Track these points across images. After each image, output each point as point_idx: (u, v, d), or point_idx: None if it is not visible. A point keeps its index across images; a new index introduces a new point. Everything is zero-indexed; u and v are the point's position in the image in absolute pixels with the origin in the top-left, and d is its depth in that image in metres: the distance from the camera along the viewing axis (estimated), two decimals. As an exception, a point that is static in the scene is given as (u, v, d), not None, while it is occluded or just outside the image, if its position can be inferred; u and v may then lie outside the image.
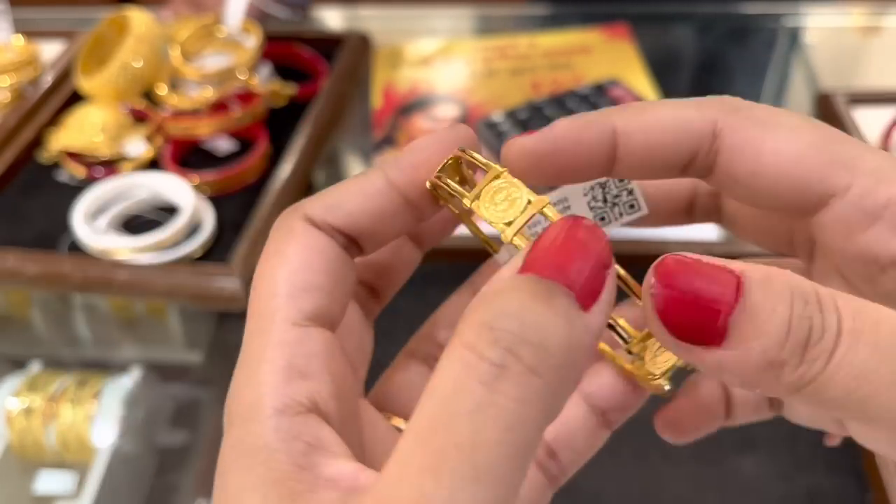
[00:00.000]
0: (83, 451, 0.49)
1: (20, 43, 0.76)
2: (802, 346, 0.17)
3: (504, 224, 0.20)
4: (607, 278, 0.18)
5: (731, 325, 0.17)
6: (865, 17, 0.84)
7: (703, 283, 0.17)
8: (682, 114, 0.21)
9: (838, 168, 0.20)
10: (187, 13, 0.78)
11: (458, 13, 0.89)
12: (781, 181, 0.20)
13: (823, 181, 0.20)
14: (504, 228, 0.19)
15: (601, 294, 0.17)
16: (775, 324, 0.17)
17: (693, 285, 0.17)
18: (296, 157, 0.64)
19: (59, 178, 0.66)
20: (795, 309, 0.17)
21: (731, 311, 0.17)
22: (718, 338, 0.17)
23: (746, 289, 0.17)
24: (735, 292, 0.17)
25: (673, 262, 0.18)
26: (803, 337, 0.17)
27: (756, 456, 0.48)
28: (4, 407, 0.50)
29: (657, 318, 0.18)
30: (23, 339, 0.61)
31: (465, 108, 0.73)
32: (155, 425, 0.53)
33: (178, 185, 0.61)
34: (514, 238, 0.19)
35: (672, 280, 0.17)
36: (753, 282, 0.17)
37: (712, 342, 0.17)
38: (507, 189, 0.20)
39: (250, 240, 0.57)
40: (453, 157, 0.21)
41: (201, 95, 0.66)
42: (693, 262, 0.18)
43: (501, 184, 0.20)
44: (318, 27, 0.89)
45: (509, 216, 0.20)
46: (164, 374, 0.55)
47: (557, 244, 0.17)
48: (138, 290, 0.56)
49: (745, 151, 0.20)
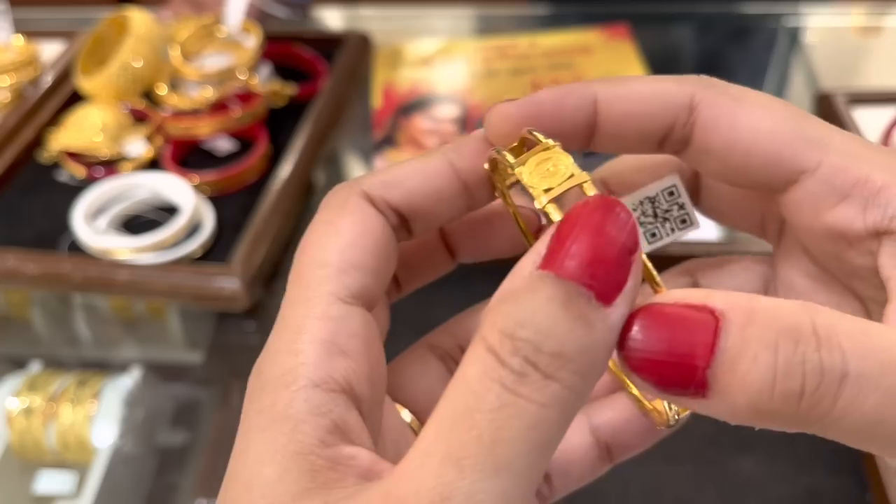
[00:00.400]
0: (83, 451, 0.49)
1: (20, 43, 0.76)
2: (797, 395, 0.16)
3: (542, 190, 0.19)
4: (632, 266, 0.17)
5: (711, 378, 0.16)
6: (865, 17, 0.84)
7: (679, 334, 0.16)
8: (662, 86, 0.21)
9: (810, 145, 0.20)
10: (187, 13, 0.78)
11: (458, 13, 0.89)
12: (754, 155, 0.20)
13: (795, 157, 0.20)
14: (541, 194, 0.19)
15: (625, 285, 0.17)
16: (758, 373, 0.16)
17: (668, 341, 0.16)
18: (296, 157, 0.64)
19: (59, 178, 0.66)
20: (782, 353, 0.16)
21: (708, 365, 0.16)
22: (701, 390, 0.16)
23: (723, 335, 0.16)
24: (712, 339, 0.16)
25: (648, 314, 0.17)
26: (796, 385, 0.16)
27: (756, 456, 0.48)
28: (4, 407, 0.50)
29: (633, 375, 0.17)
30: (23, 339, 0.61)
31: (465, 108, 0.73)
32: (155, 425, 0.53)
33: (178, 185, 0.61)
34: (548, 205, 0.19)
35: (647, 335, 0.17)
36: (732, 325, 0.16)
37: (696, 394, 0.16)
38: (554, 159, 0.20)
39: (250, 240, 0.57)
40: (520, 138, 0.21)
41: (201, 95, 0.66)
42: (670, 312, 0.17)
43: (550, 154, 0.20)
44: (318, 27, 0.89)
45: (548, 184, 0.19)
46: (164, 374, 0.55)
47: (578, 235, 0.17)
48: (138, 290, 0.56)
49: (719, 124, 0.20)
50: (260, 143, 0.66)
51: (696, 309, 0.16)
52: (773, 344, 0.16)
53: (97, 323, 0.61)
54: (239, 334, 0.57)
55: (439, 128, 0.71)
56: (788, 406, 0.16)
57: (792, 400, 0.16)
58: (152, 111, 0.68)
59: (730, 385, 0.16)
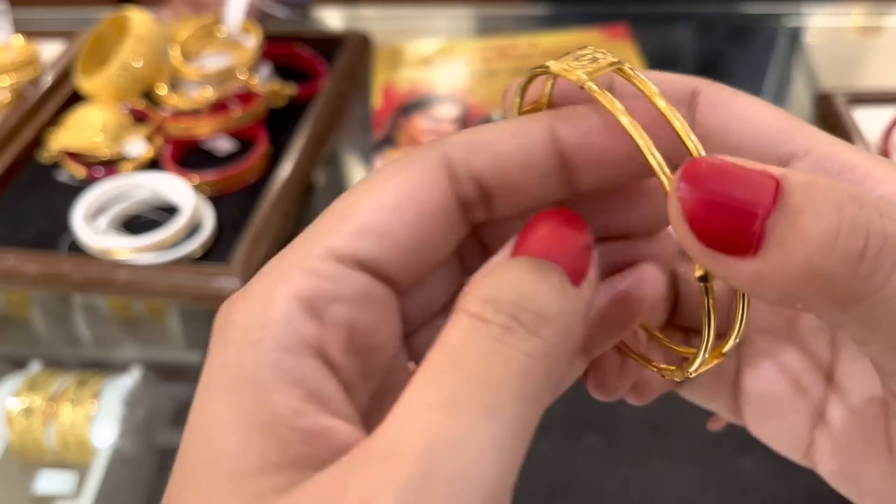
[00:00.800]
0: (83, 451, 0.49)
1: (20, 43, 0.76)
2: (857, 255, 0.15)
3: (583, 73, 0.18)
4: (591, 258, 0.18)
5: (769, 229, 0.15)
6: (865, 17, 0.84)
7: (737, 184, 0.16)
8: (669, 76, 0.21)
9: (799, 134, 0.20)
10: (187, 13, 0.78)
11: (458, 13, 0.89)
12: (748, 138, 0.20)
13: (786, 142, 0.20)
14: (581, 76, 0.18)
15: (587, 272, 0.17)
16: (821, 227, 0.15)
17: (726, 186, 0.16)
18: (296, 157, 0.64)
19: (59, 178, 0.66)
20: (847, 212, 0.15)
21: (769, 214, 0.15)
22: (755, 244, 0.15)
23: (787, 190, 0.15)
24: (774, 194, 0.15)
25: (703, 163, 0.16)
26: (857, 245, 0.15)
27: (756, 456, 0.48)
28: (4, 407, 0.50)
29: (685, 224, 0.16)
30: (23, 339, 0.61)
31: (465, 108, 0.73)
32: (155, 425, 0.53)
33: (178, 185, 0.61)
34: (588, 83, 0.18)
35: (702, 182, 0.16)
36: (795, 183, 0.15)
37: (747, 250, 0.15)
38: (606, 57, 0.19)
39: (250, 240, 0.57)
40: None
41: (201, 95, 0.66)
42: (726, 164, 0.16)
43: (606, 56, 0.19)
44: (318, 27, 0.89)
45: (589, 70, 0.19)
46: (164, 374, 0.55)
47: (541, 230, 0.18)
48: (138, 290, 0.56)
49: (717, 109, 0.21)
50: (260, 143, 0.66)
51: (755, 170, 0.16)
52: (839, 202, 0.15)
53: (97, 323, 0.61)
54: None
55: (439, 128, 0.71)
56: (847, 267, 0.15)
57: (852, 260, 0.15)
58: (152, 111, 0.68)
59: (789, 237, 0.15)
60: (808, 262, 0.15)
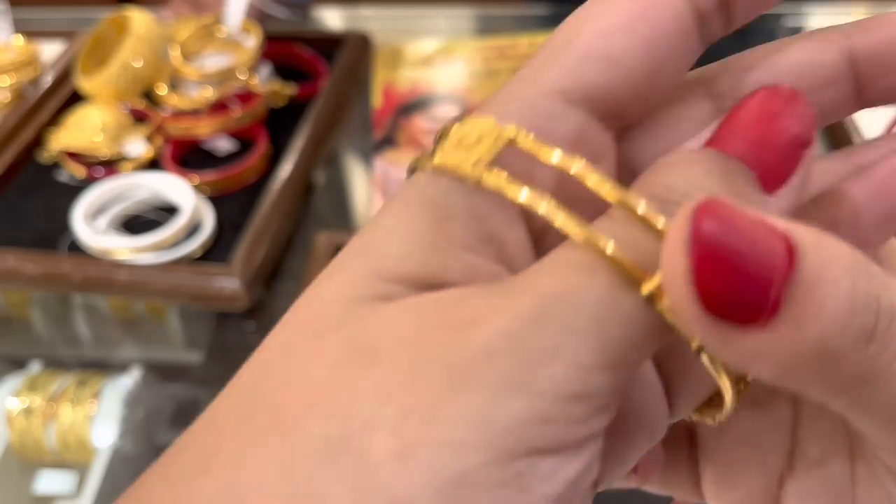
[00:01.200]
0: (83, 451, 0.49)
1: (20, 43, 0.76)
2: (868, 335, 0.13)
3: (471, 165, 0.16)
4: (801, 159, 0.15)
5: (786, 300, 0.13)
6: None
7: (747, 240, 0.13)
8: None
9: None
10: (187, 13, 0.78)
11: (458, 13, 0.89)
12: None
13: None
14: (470, 170, 0.16)
15: (791, 178, 0.15)
16: (839, 300, 0.13)
17: (739, 242, 0.13)
18: (296, 157, 0.64)
19: (59, 178, 0.66)
20: (860, 284, 0.13)
21: (786, 282, 0.13)
22: (765, 316, 0.13)
23: (801, 253, 0.13)
24: (787, 257, 0.13)
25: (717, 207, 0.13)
26: (869, 322, 0.13)
27: None
28: (4, 407, 0.50)
29: (688, 283, 0.13)
30: (23, 339, 0.61)
31: (465, 108, 0.73)
32: (155, 425, 0.53)
33: (178, 185, 0.61)
34: (483, 177, 0.16)
35: (714, 232, 0.13)
36: (808, 245, 0.13)
37: (755, 321, 0.13)
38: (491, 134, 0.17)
39: (250, 240, 0.57)
40: None
41: (201, 95, 0.66)
42: (735, 213, 0.13)
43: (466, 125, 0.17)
44: (318, 27, 0.89)
45: (476, 156, 0.16)
46: (164, 374, 0.55)
47: (751, 119, 0.15)
48: (138, 290, 0.56)
49: None
50: (260, 143, 0.66)
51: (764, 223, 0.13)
52: (852, 271, 0.13)
53: (97, 323, 0.61)
54: (239, 334, 0.57)
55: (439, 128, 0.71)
56: (857, 348, 0.13)
57: (863, 339, 0.13)
58: (152, 111, 0.68)
59: (805, 310, 0.13)
60: (821, 339, 0.13)
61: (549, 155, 0.15)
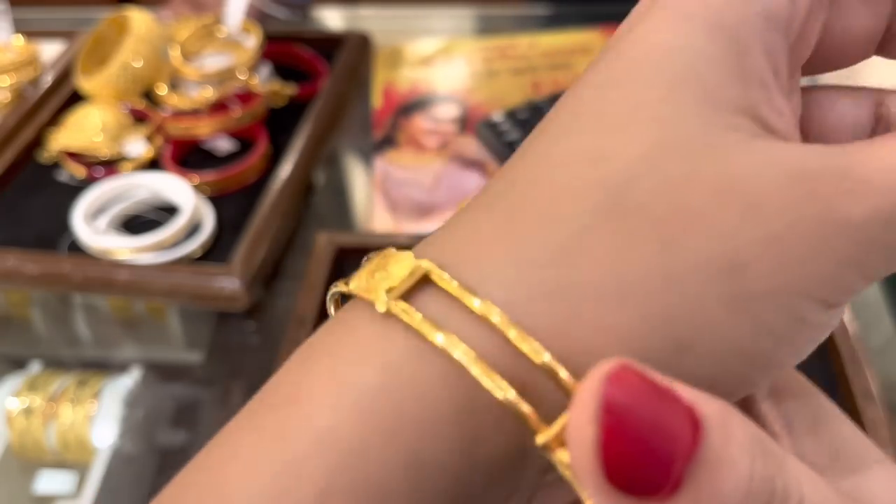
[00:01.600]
0: (83, 451, 0.49)
1: (20, 43, 0.76)
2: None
3: (384, 293, 0.16)
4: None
5: (688, 478, 0.13)
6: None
7: (655, 414, 0.13)
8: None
9: None
10: (187, 13, 0.78)
11: (458, 13, 0.89)
12: None
13: None
14: (382, 298, 0.16)
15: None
16: (736, 481, 0.13)
17: (647, 416, 0.13)
18: (296, 157, 0.64)
19: (59, 178, 0.66)
20: (757, 465, 0.13)
21: (689, 460, 0.13)
22: (666, 492, 0.13)
23: (706, 429, 0.13)
24: (692, 432, 0.13)
25: (631, 377, 0.13)
26: (764, 502, 0.14)
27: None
28: (4, 407, 0.50)
29: (595, 453, 0.13)
30: (23, 339, 0.61)
31: (465, 108, 0.73)
32: (155, 425, 0.53)
33: (178, 185, 0.61)
34: (392, 305, 0.16)
35: (624, 403, 0.13)
36: (713, 424, 0.13)
37: (655, 495, 0.13)
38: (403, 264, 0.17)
39: (250, 240, 0.57)
40: None
41: (201, 95, 0.66)
42: (650, 384, 0.13)
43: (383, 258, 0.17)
44: (318, 27, 0.89)
45: (390, 285, 0.17)
46: (164, 374, 0.55)
47: None
48: (138, 290, 0.56)
49: None
50: (260, 143, 0.66)
51: (672, 396, 0.13)
52: (751, 453, 0.13)
53: (97, 323, 0.61)
54: (239, 334, 0.57)
55: (439, 128, 0.71)
56: None
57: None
58: (152, 111, 0.68)
59: (704, 489, 0.13)
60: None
61: (471, 301, 0.15)
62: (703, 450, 0.13)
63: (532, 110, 0.70)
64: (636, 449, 0.13)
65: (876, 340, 0.53)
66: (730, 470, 0.13)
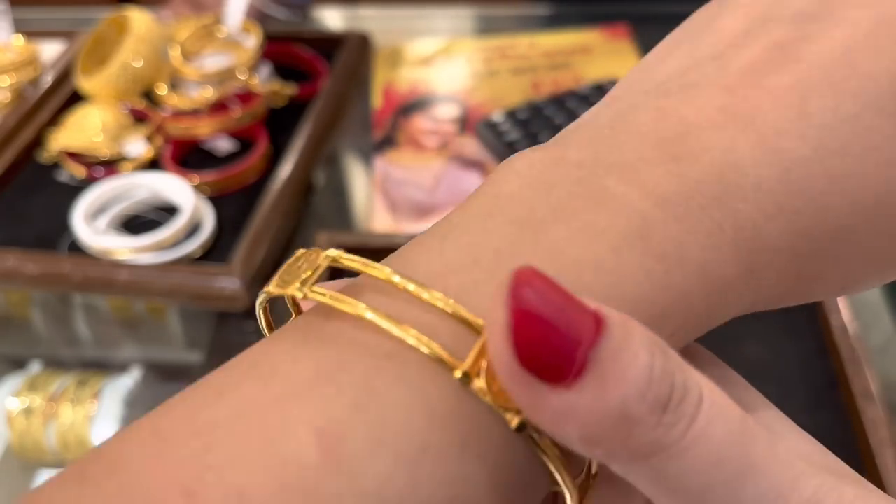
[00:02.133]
0: (83, 451, 0.49)
1: (20, 43, 0.76)
2: (662, 405, 0.15)
3: (299, 284, 0.18)
4: None
5: (592, 360, 0.14)
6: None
7: (561, 305, 0.14)
8: None
9: None
10: (187, 13, 0.78)
11: (458, 13, 0.89)
12: None
13: None
14: (297, 289, 0.18)
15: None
16: (638, 369, 0.14)
17: (554, 305, 0.14)
18: (296, 157, 0.64)
19: (59, 178, 0.66)
20: (657, 360, 0.15)
21: (592, 346, 0.14)
22: (573, 374, 0.14)
23: (608, 325, 0.14)
24: (595, 327, 0.14)
25: (537, 274, 0.14)
26: (665, 393, 0.15)
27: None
28: (4, 407, 0.50)
29: (506, 338, 0.14)
30: (23, 339, 0.61)
31: (465, 108, 0.73)
32: (155, 425, 0.53)
33: (178, 185, 0.61)
34: (308, 292, 0.18)
35: (533, 294, 0.14)
36: (614, 321, 0.14)
37: (563, 379, 0.14)
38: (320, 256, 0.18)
39: (250, 240, 0.57)
40: None
41: (201, 95, 0.66)
42: (556, 283, 0.14)
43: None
44: (318, 27, 0.89)
45: (305, 276, 0.18)
46: (164, 374, 0.55)
47: None
48: (138, 290, 0.56)
49: None
50: (260, 143, 0.66)
51: (575, 299, 0.15)
52: (650, 349, 0.15)
53: (97, 323, 0.61)
54: (239, 334, 0.57)
55: (439, 128, 0.71)
56: (653, 416, 0.14)
57: (658, 408, 0.14)
58: (152, 111, 0.68)
59: (609, 373, 0.14)
60: (622, 403, 0.14)
61: (375, 271, 0.16)
62: (606, 339, 0.14)
63: (532, 110, 0.70)
64: (543, 333, 0.14)
65: (876, 340, 0.53)
66: (631, 359, 0.14)
